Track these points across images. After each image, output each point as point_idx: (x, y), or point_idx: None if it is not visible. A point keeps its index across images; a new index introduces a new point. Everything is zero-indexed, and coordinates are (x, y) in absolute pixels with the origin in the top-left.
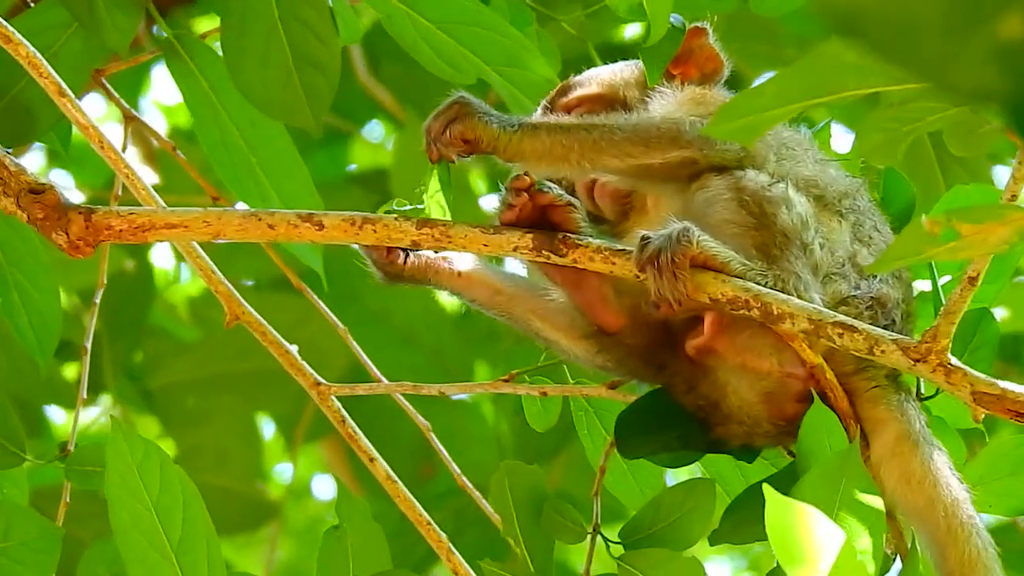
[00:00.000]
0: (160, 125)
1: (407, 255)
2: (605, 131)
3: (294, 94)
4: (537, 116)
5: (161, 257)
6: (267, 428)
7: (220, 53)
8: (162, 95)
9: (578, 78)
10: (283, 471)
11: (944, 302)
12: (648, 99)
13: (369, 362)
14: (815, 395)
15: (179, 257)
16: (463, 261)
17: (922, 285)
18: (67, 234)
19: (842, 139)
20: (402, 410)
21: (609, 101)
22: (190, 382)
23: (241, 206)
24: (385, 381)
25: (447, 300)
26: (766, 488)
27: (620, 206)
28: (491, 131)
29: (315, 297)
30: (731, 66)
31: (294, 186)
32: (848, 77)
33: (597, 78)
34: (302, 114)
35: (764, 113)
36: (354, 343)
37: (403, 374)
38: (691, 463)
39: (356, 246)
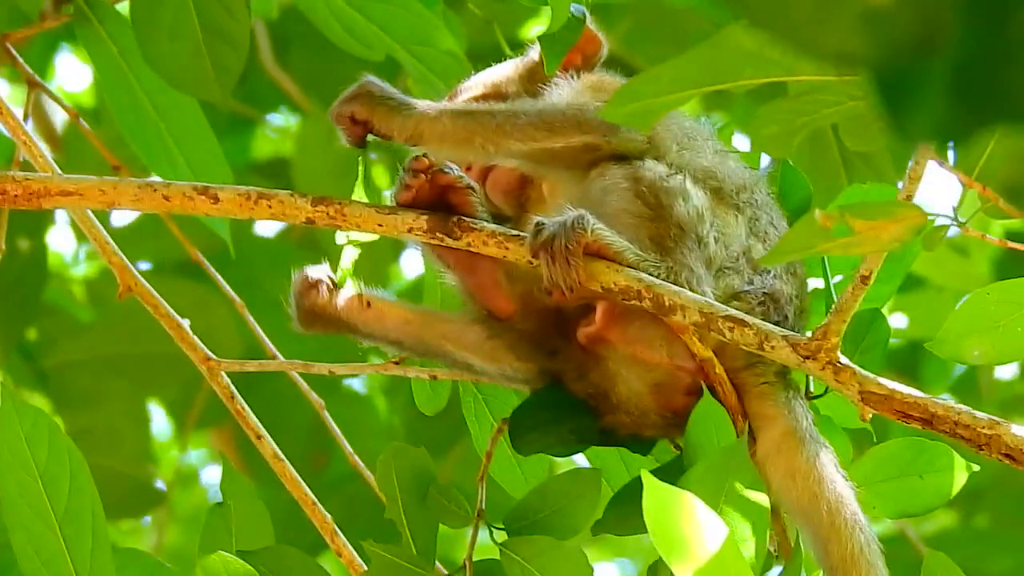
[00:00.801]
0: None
1: (328, 290)
2: (509, 115)
3: (202, 67)
4: (441, 103)
5: (60, 239)
6: (159, 413)
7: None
8: (67, 82)
9: (463, 84)
10: (173, 457)
11: (836, 300)
12: (540, 92)
13: (265, 338)
14: (704, 389)
15: (80, 237)
16: (373, 294)
17: (816, 283)
18: None
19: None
20: (297, 397)
21: (495, 100)
22: (84, 363)
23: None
24: (280, 359)
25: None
26: (644, 474)
27: (515, 199)
28: (392, 113)
29: (212, 270)
30: (608, 47)
31: (205, 156)
32: (746, 65)
33: (480, 81)
34: (210, 88)
35: (660, 98)
36: (250, 318)
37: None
38: (580, 452)
39: (293, 283)
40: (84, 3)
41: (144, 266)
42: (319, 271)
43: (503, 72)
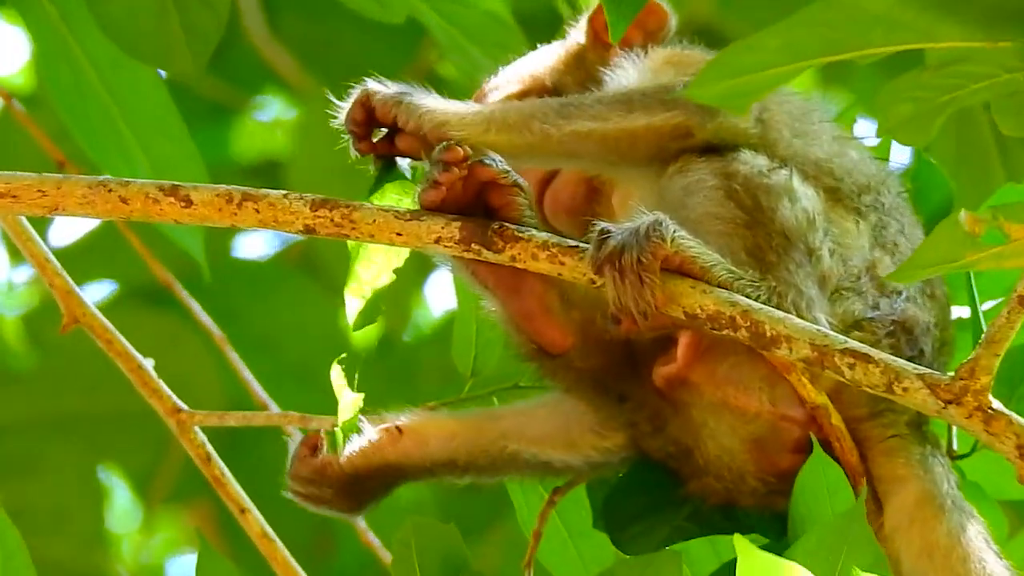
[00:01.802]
0: None
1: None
2: (572, 100)
3: (170, 31)
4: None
5: None
6: (117, 485)
7: None
8: None
9: (492, 81)
10: (135, 541)
11: (986, 329)
12: (596, 78)
13: (253, 382)
14: (816, 444)
15: (14, 256)
16: (399, 417)
17: (961, 311)
18: None
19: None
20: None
21: (537, 95)
22: (20, 423)
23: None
24: (273, 408)
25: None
26: (738, 541)
27: (581, 220)
28: (417, 103)
29: (186, 296)
30: (676, 20)
31: (171, 150)
32: (873, 29)
33: (516, 75)
34: (180, 59)
35: (764, 72)
36: (234, 355)
37: None
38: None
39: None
40: None
41: (98, 292)
42: (307, 441)
43: (543, 62)
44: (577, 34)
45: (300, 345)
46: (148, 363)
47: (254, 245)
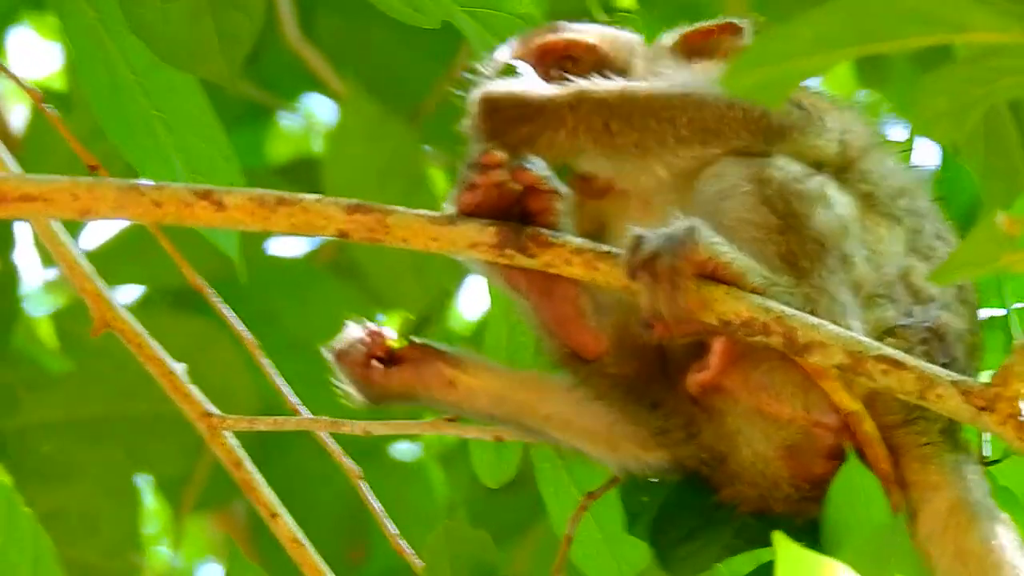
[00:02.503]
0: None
1: (386, 365)
2: (658, 94)
3: (204, 37)
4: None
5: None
6: (149, 490)
7: None
8: (26, 66)
9: (572, 24)
10: (165, 548)
11: (1017, 336)
12: (662, 72)
13: (285, 387)
14: (849, 451)
15: (46, 260)
16: (459, 364)
17: (992, 313)
18: None
19: None
20: (327, 465)
21: (603, 61)
22: (54, 426)
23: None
24: (304, 413)
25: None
26: (778, 539)
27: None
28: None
29: (217, 300)
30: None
31: (207, 153)
32: (907, 21)
33: (596, 29)
34: (214, 63)
35: (795, 61)
36: (265, 361)
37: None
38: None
39: (330, 356)
40: None
41: (128, 294)
42: (358, 336)
43: (624, 37)
44: (667, 39)
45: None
46: (179, 367)
47: (287, 245)
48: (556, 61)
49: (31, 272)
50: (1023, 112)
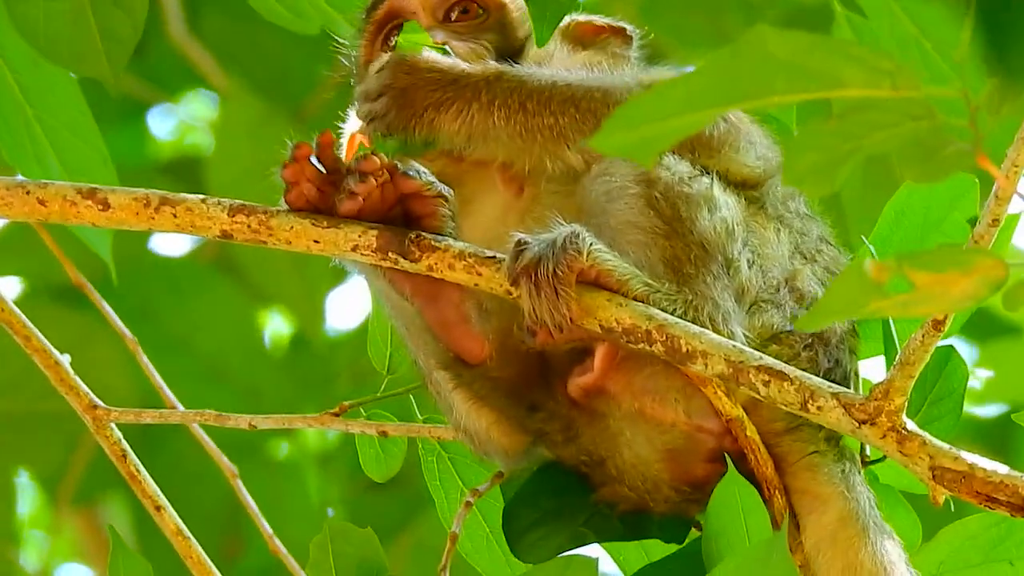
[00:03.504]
0: None
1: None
2: (580, 84)
3: (86, 34)
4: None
5: None
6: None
7: None
8: None
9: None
10: (42, 540)
11: (900, 351)
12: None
13: (164, 386)
14: (729, 462)
15: None
16: None
17: None
18: None
19: None
20: (204, 462)
21: (506, 21)
22: None
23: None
24: (181, 408)
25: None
26: None
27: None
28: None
29: (99, 298)
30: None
31: (83, 148)
32: (779, 78)
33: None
34: (95, 60)
35: (669, 120)
36: (144, 358)
37: None
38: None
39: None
40: None
41: (7, 288)
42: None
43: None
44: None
45: (211, 346)
46: (64, 358)
47: (171, 243)
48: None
49: None
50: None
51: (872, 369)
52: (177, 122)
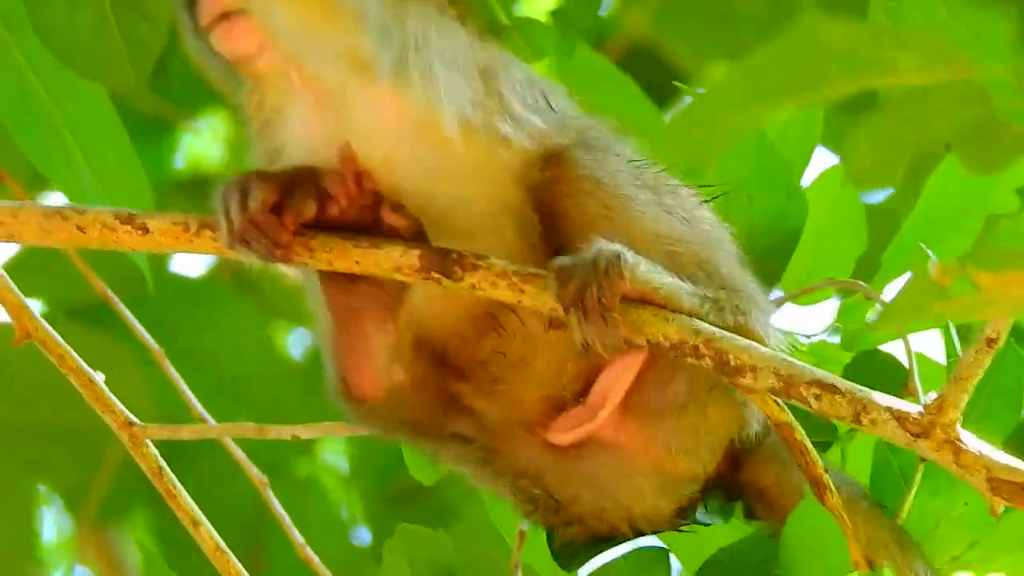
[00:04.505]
0: None
1: None
2: None
3: (110, 43)
4: None
5: None
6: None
7: None
8: None
9: None
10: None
11: (955, 367)
12: None
13: (195, 400)
14: (810, 492)
15: None
16: None
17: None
18: None
19: None
20: (225, 485)
21: None
22: None
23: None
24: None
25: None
26: None
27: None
28: None
29: (127, 312)
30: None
31: (113, 158)
32: (838, 67)
33: None
34: (120, 70)
35: (730, 116)
36: (174, 372)
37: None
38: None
39: None
40: None
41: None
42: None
43: None
44: None
45: (233, 364)
46: (99, 377)
47: (188, 262)
48: None
49: None
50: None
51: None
52: (194, 139)
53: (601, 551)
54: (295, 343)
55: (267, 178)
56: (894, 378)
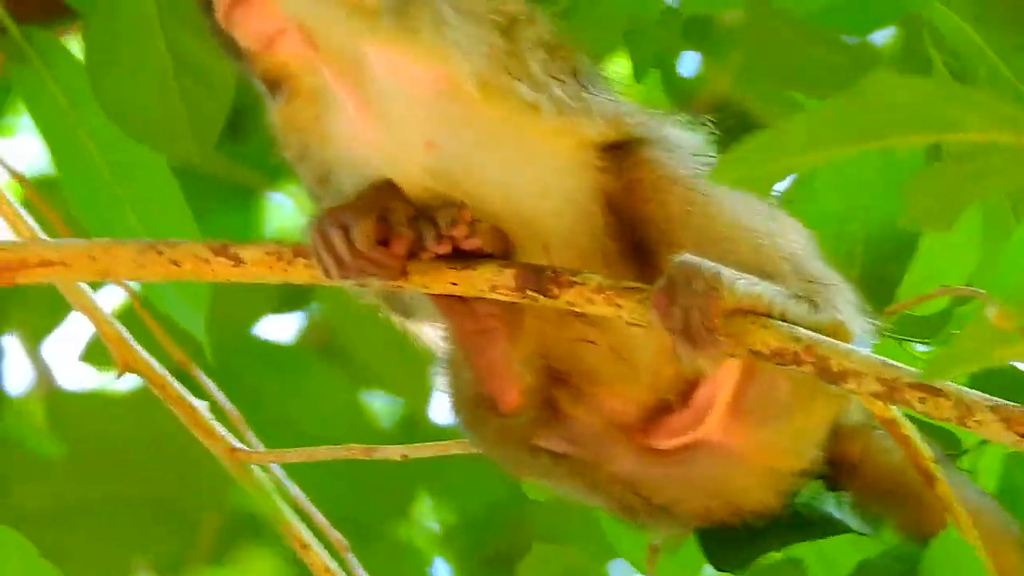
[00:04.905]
0: None
1: None
2: None
3: (172, 113)
4: None
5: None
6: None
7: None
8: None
9: None
10: None
11: None
12: None
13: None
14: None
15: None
16: None
17: None
18: None
19: None
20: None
21: None
22: (44, 512)
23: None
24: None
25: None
26: None
27: None
28: None
29: (201, 375)
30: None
31: (172, 227)
32: (901, 121)
33: None
34: (182, 140)
35: (785, 160)
36: (252, 437)
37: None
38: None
39: None
40: (23, 38)
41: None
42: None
43: None
44: None
45: (320, 427)
46: (201, 404)
47: (274, 327)
48: None
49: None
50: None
51: None
52: (279, 206)
53: (757, 553)
54: (384, 410)
55: (360, 209)
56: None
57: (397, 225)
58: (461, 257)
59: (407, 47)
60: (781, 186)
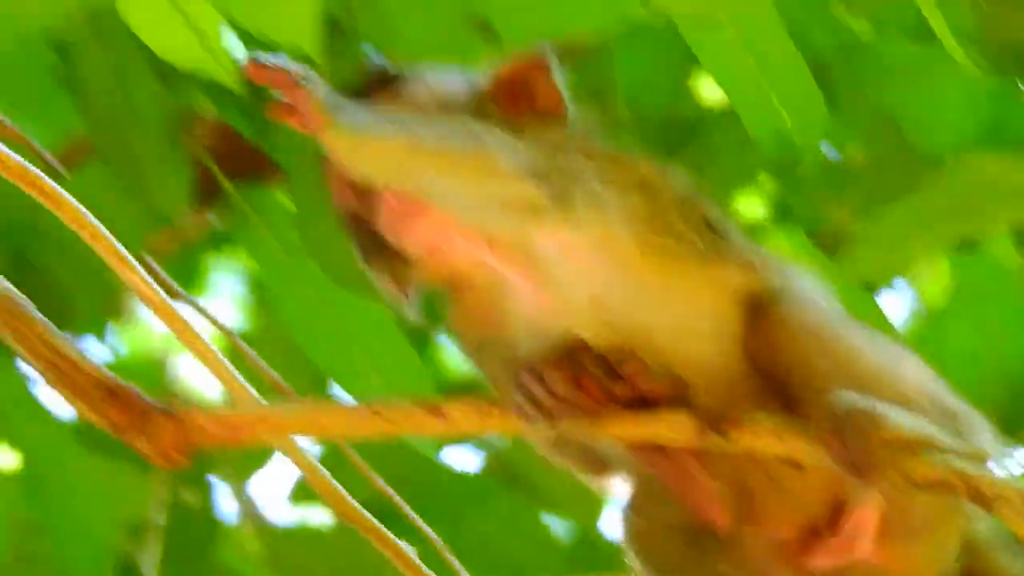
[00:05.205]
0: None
1: None
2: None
3: None
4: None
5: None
6: None
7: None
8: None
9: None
10: None
11: None
12: None
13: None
14: None
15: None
16: None
17: None
18: (154, 441)
19: None
20: None
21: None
22: None
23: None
24: None
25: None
26: None
27: None
28: None
29: (408, 509)
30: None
31: (403, 370)
32: (990, 196)
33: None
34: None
35: (905, 245)
36: (456, 562)
37: None
38: None
39: None
40: (243, 199)
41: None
42: None
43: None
44: (483, 80)
45: (510, 548)
46: (411, 550)
47: (459, 457)
48: None
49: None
50: None
51: None
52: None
53: None
54: (562, 530)
55: (549, 361)
56: None
57: (585, 369)
58: (639, 403)
59: (572, 226)
60: (910, 326)
